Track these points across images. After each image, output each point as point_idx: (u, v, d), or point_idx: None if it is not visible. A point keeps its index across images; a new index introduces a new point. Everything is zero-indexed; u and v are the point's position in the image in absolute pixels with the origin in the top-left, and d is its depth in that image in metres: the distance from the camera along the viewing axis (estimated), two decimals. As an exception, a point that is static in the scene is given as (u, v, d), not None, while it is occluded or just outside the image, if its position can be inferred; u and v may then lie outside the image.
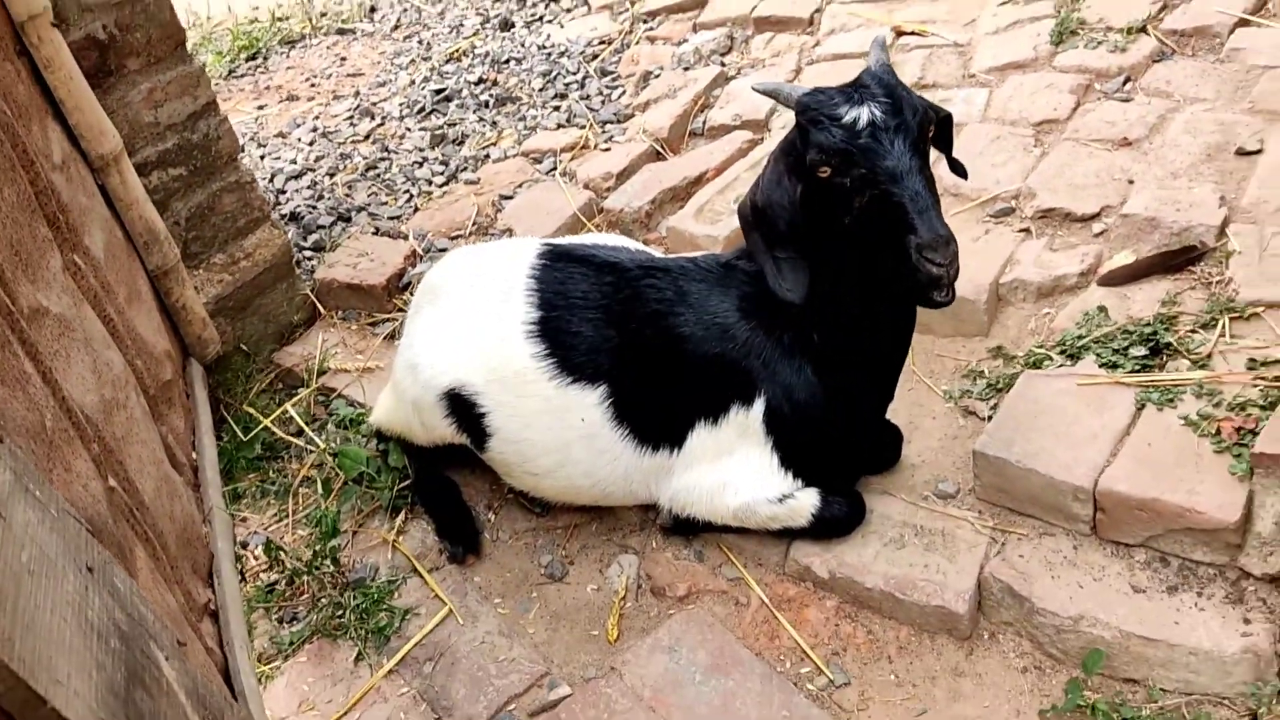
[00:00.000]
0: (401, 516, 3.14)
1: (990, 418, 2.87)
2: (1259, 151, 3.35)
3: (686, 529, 2.87)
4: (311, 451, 3.39)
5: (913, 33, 4.54)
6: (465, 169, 4.41)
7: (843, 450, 2.71)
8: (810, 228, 2.37)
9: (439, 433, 2.90)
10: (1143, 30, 4.03)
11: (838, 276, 2.42)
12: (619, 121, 4.51)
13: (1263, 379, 2.62)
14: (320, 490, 3.26)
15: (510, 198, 4.17)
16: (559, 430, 2.72)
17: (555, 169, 4.27)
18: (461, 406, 2.79)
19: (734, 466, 2.69)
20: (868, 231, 2.23)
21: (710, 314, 2.62)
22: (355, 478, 3.24)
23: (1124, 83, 3.85)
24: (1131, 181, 3.40)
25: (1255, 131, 3.43)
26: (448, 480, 3.15)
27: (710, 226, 3.74)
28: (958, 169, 2.60)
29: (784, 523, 2.72)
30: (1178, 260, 3.03)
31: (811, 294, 2.45)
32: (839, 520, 2.72)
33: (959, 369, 3.11)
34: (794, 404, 2.61)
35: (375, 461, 3.23)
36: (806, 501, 2.69)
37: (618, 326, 2.69)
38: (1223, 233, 3.09)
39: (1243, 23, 3.91)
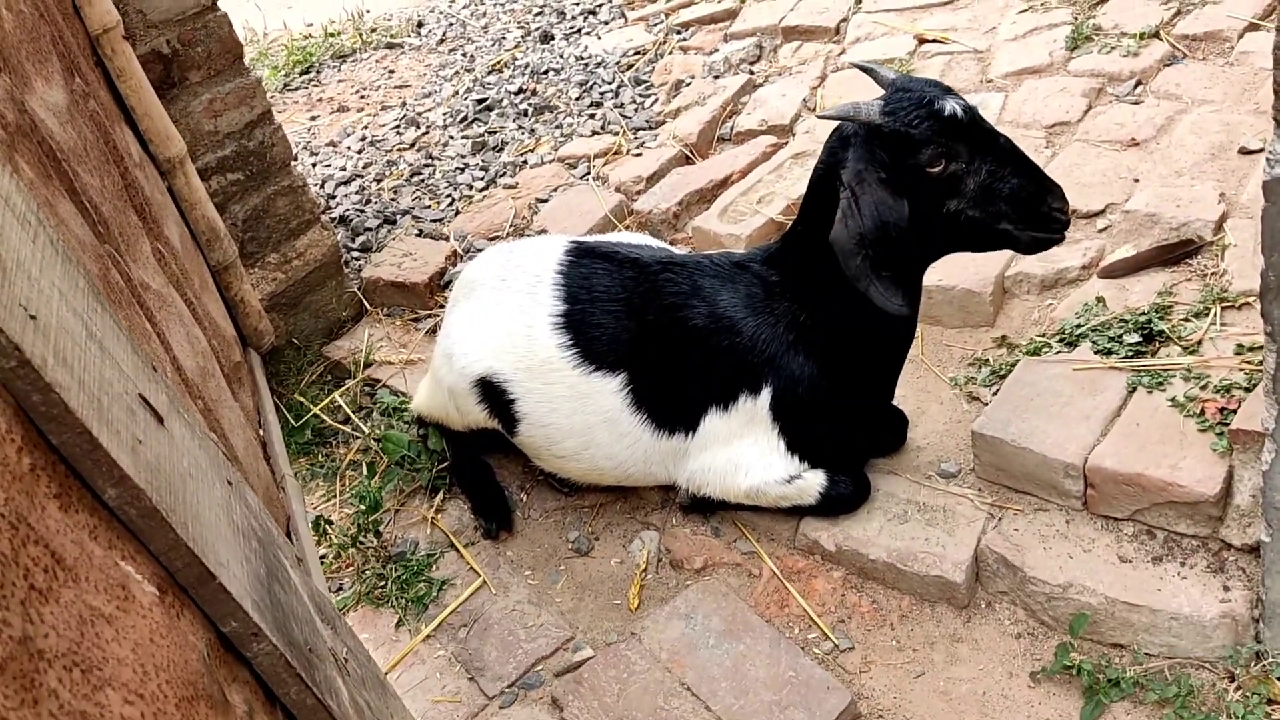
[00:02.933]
0: (440, 496, 3.36)
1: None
2: (1261, 150, 3.48)
3: (703, 507, 3.06)
4: (358, 437, 3.62)
5: (935, 40, 4.70)
6: (504, 174, 4.64)
7: (846, 436, 2.89)
8: (918, 234, 2.51)
9: (473, 418, 3.12)
10: (1155, 35, 4.17)
11: (913, 278, 2.63)
12: (651, 128, 4.71)
13: (1249, 363, 2.76)
14: (365, 472, 3.50)
15: (546, 201, 4.39)
16: (583, 415, 2.92)
17: (589, 173, 4.47)
18: (493, 393, 3.01)
19: (744, 450, 2.87)
20: (983, 208, 2.44)
21: (721, 308, 2.81)
22: (397, 461, 3.47)
23: (1135, 86, 3.99)
24: (1137, 180, 3.54)
25: (1259, 131, 3.55)
26: (482, 463, 3.36)
27: (734, 226, 3.93)
28: None
29: (793, 501, 2.90)
30: (1176, 253, 3.17)
31: (850, 293, 2.58)
32: (845, 498, 2.89)
33: (965, 358, 3.27)
34: (797, 395, 2.79)
35: (416, 446, 3.46)
36: (814, 482, 2.86)
37: (637, 318, 2.88)
38: (1220, 227, 3.22)
39: (1252, 27, 4.04)
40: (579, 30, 5.88)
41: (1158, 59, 4.06)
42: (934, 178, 2.42)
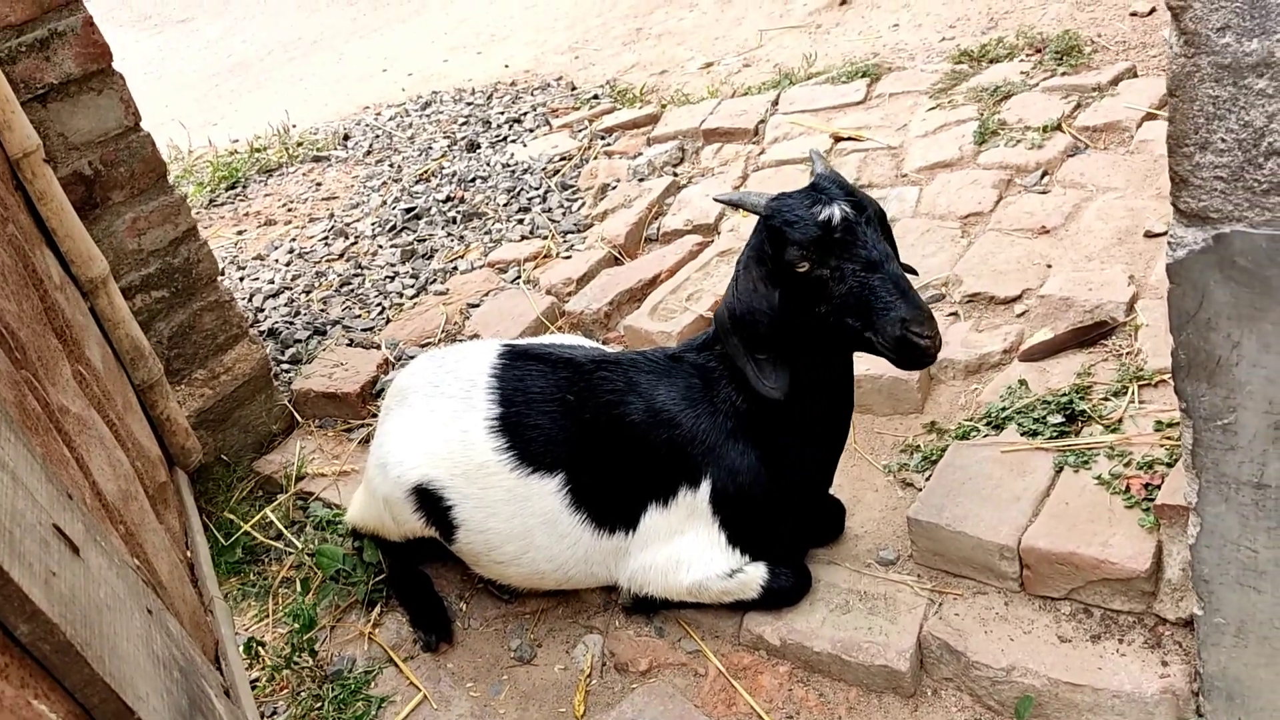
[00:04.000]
0: (377, 610, 3.29)
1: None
2: (1164, 234, 3.62)
3: (646, 607, 3.03)
4: (290, 553, 3.54)
5: (849, 138, 4.86)
6: (434, 281, 4.66)
7: (787, 527, 2.90)
8: (790, 326, 2.57)
9: (409, 527, 3.07)
10: (1058, 128, 4.36)
11: (810, 366, 2.64)
12: (579, 231, 4.77)
13: (1169, 439, 2.84)
14: (299, 589, 3.41)
15: (477, 306, 4.41)
16: (522, 518, 2.90)
17: (519, 277, 4.50)
18: (430, 501, 2.97)
19: (685, 545, 2.86)
20: (845, 318, 2.46)
21: (658, 402, 2.82)
22: (332, 575, 3.40)
23: (1041, 176, 4.15)
24: (1050, 266, 3.66)
25: (1162, 215, 3.71)
26: (420, 573, 3.30)
27: (664, 323, 3.97)
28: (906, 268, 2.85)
29: (736, 596, 2.88)
30: (1091, 335, 3.27)
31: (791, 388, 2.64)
32: (787, 591, 2.88)
33: (897, 444, 3.32)
34: (738, 486, 2.80)
35: (351, 559, 3.39)
36: (755, 575, 2.86)
37: (573, 418, 2.89)
38: (1131, 308, 3.33)
39: (1150, 117, 4.24)
40: (504, 138, 5.98)
41: (1061, 150, 4.23)
42: (801, 277, 2.48)
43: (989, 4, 5.92)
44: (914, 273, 2.86)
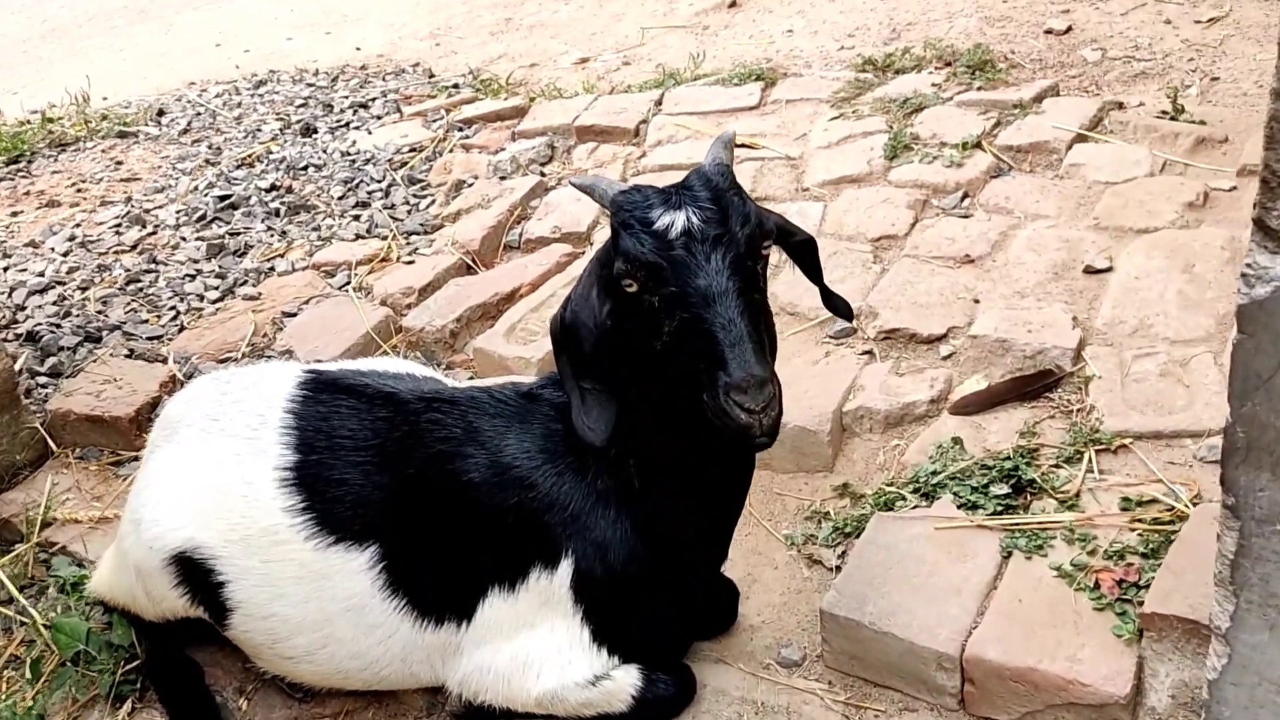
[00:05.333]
0: (127, 706, 2.53)
1: (839, 568, 2.47)
2: (1108, 270, 3.13)
3: (483, 718, 2.33)
4: (23, 623, 2.73)
5: (743, 145, 4.28)
6: (245, 282, 3.88)
7: (668, 618, 2.26)
8: (619, 354, 1.97)
9: (168, 605, 2.32)
10: (978, 146, 3.86)
11: (648, 412, 2.03)
12: (426, 232, 4.09)
13: (1140, 521, 2.30)
14: (28, 674, 2.60)
15: (294, 315, 3.65)
16: (319, 602, 2.20)
17: (349, 283, 3.79)
18: (196, 573, 2.24)
19: (537, 643, 2.19)
20: (678, 362, 1.87)
21: (506, 456, 2.17)
22: (72, 657, 2.61)
23: (962, 198, 3.64)
24: (977, 301, 3.13)
25: (1102, 249, 3.22)
26: (187, 660, 2.55)
27: (522, 348, 3.31)
28: (839, 308, 2.25)
29: (599, 709, 2.22)
30: (1034, 386, 2.74)
31: (622, 434, 2.03)
32: (664, 701, 2.25)
33: (801, 509, 2.71)
34: (608, 566, 2.15)
35: (98, 637, 2.61)
36: (625, 682, 2.21)
37: (393, 472, 2.21)
38: (1079, 355, 2.82)
39: (1080, 139, 3.78)
40: (347, 124, 5.21)
41: (983, 170, 3.74)
42: (631, 299, 1.90)
43: (890, 14, 5.46)
44: (847, 315, 2.27)
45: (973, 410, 2.72)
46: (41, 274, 3.96)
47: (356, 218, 4.27)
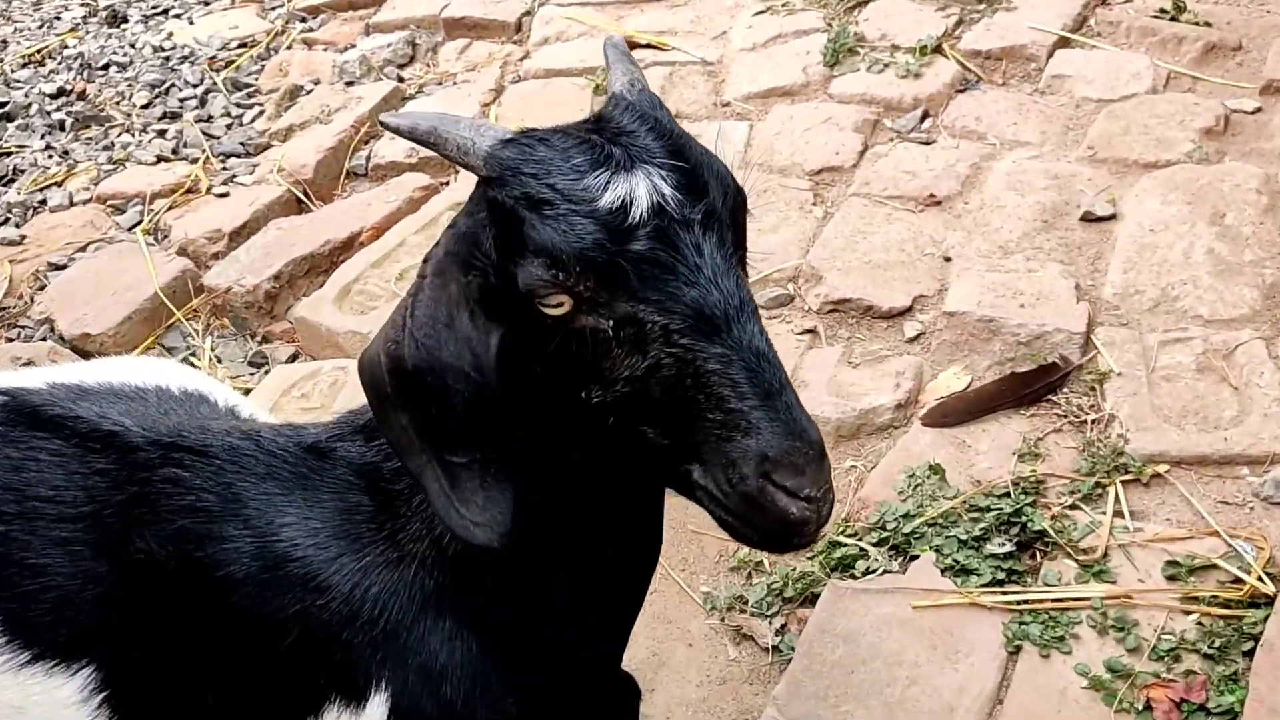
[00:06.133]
0: None
1: (776, 647, 1.79)
2: (1112, 217, 2.44)
3: None
4: None
5: (648, 45, 3.47)
6: (6, 221, 2.99)
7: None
8: (520, 411, 1.22)
9: None
10: (938, 50, 3.11)
11: (560, 493, 1.29)
12: (248, 154, 3.27)
13: (1196, 601, 1.64)
14: None
15: (63, 268, 2.82)
16: (0, 756, 1.44)
17: (141, 223, 2.92)
18: None
19: (335, 818, 1.46)
20: (648, 423, 1.12)
21: (282, 542, 1.40)
22: None
23: (921, 119, 2.90)
24: (948, 259, 2.42)
25: (1101, 189, 2.53)
26: None
27: (359, 318, 2.54)
28: None
29: None
30: (1034, 387, 2.05)
31: (523, 526, 1.26)
32: None
33: (725, 556, 2.01)
34: (443, 704, 1.41)
35: None
36: None
37: (114, 557, 1.43)
38: (1089, 341, 2.13)
39: (1063, 42, 3.05)
40: (164, 11, 4.25)
41: (946, 82, 2.99)
42: (553, 326, 1.13)
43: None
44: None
45: (953, 420, 2.02)
46: None
47: (161, 133, 3.39)
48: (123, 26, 4.17)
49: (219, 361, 2.59)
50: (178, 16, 4.20)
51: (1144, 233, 2.38)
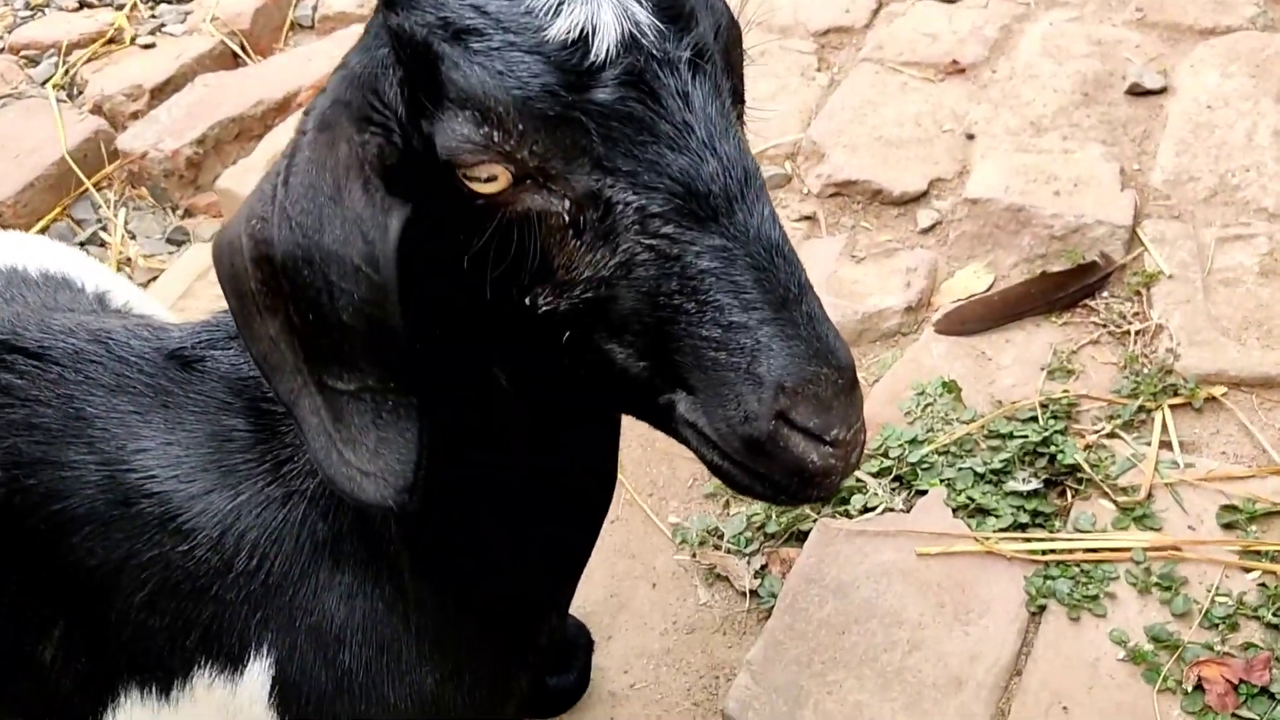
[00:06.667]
0: None
1: (755, 591, 1.53)
2: (1163, 90, 2.10)
3: None
4: None
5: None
6: (-99, 72, 2.63)
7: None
8: (430, 315, 0.93)
9: None
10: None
11: (484, 436, 1.02)
12: (180, 1, 2.81)
13: (1258, 555, 1.37)
14: None
15: (-38, 126, 2.46)
16: None
17: (53, 77, 2.56)
18: None
19: (209, 803, 1.21)
20: (619, 341, 0.86)
21: (138, 471, 1.13)
22: None
23: (945, -29, 2.52)
24: (972, 136, 2.09)
25: (1151, 58, 2.18)
26: None
27: (292, 191, 2.17)
28: None
29: None
30: (1070, 290, 1.74)
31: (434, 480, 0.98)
32: None
33: (699, 481, 1.73)
34: (341, 672, 1.15)
35: None
36: None
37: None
38: (1134, 236, 1.82)
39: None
40: None
41: (974, -72, 2.60)
42: (482, 207, 0.82)
43: None
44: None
45: (973, 328, 1.72)
46: None
47: (84, -25, 2.99)
48: None
49: (132, 238, 2.27)
50: None
51: (1200, 110, 2.04)
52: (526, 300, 0.85)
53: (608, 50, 0.78)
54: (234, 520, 1.12)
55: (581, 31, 0.79)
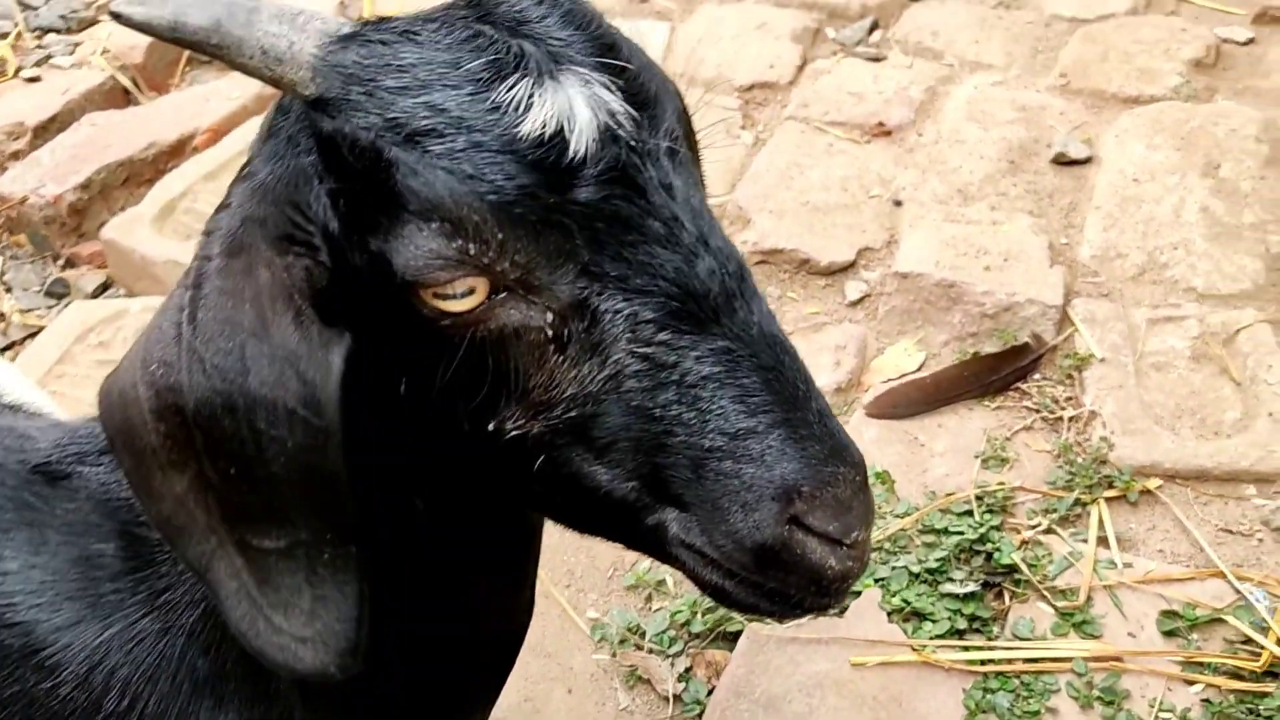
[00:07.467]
0: None
1: (678, 696, 1.44)
2: (1088, 160, 2.08)
3: None
4: None
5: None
6: None
7: None
8: (381, 454, 0.85)
9: None
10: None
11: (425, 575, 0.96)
12: (70, 30, 2.77)
13: (1200, 666, 1.32)
14: None
15: None
16: None
17: (-76, 112, 2.39)
18: None
19: None
20: (599, 458, 0.78)
21: (0, 595, 1.01)
22: None
23: (870, 29, 2.51)
24: (899, 203, 2.05)
25: (1076, 125, 2.16)
26: None
27: (184, 244, 2.06)
28: None
29: None
30: (1002, 373, 1.69)
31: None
32: None
33: (619, 570, 1.64)
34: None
35: None
36: None
37: None
38: (1065, 316, 1.78)
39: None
40: None
41: (899, -13, 2.58)
42: (452, 327, 0.75)
43: None
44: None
45: (905, 411, 1.66)
46: None
47: (-36, -1, 2.80)
48: None
49: (8, 290, 2.10)
50: None
51: (1126, 182, 2.03)
52: (491, 426, 0.76)
53: (587, 145, 0.72)
54: (103, 656, 1.00)
55: (558, 125, 0.71)
